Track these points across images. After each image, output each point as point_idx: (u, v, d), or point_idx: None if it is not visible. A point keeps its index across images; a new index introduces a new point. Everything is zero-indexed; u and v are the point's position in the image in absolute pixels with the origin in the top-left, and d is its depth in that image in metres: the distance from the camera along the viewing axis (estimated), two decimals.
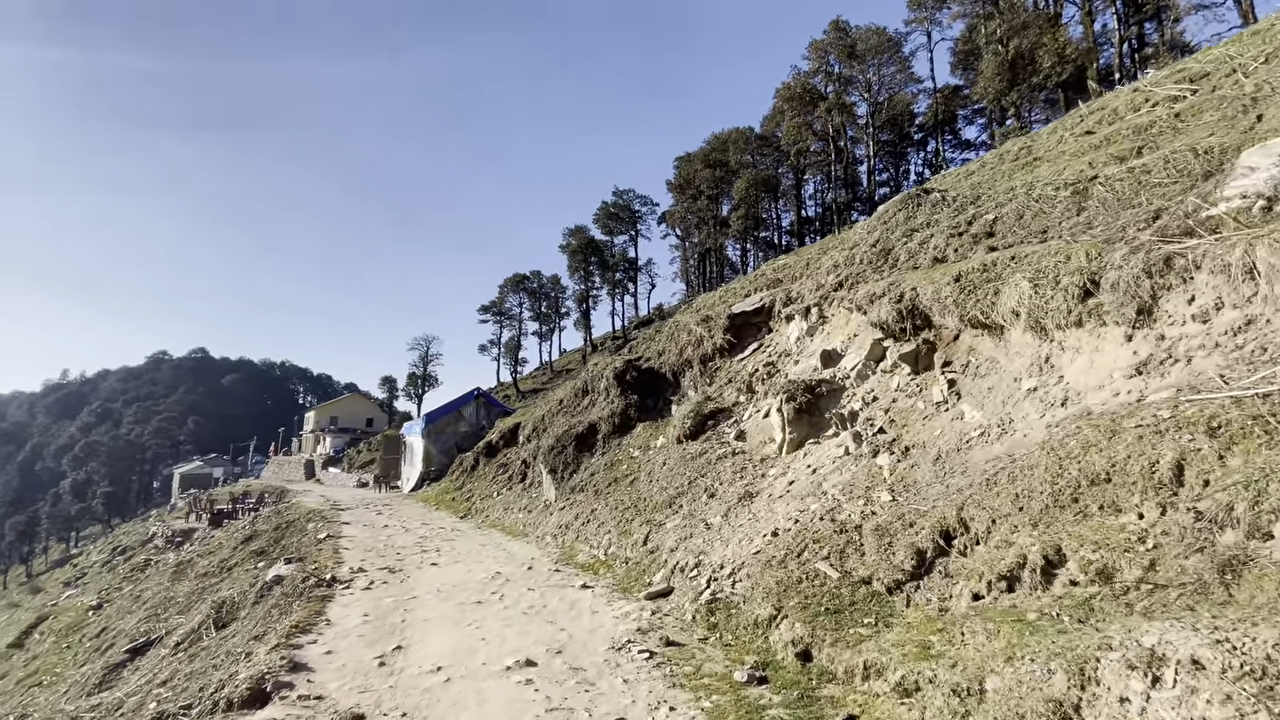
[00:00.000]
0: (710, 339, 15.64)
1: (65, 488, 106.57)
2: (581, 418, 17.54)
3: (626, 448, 15.37)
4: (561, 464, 16.21)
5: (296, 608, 9.25)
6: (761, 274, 17.44)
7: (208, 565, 22.58)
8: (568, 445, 16.51)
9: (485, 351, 77.55)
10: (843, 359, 11.65)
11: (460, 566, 11.75)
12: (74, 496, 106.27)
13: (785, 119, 57.75)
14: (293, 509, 26.94)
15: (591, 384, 18.56)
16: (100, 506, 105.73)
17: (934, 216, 13.37)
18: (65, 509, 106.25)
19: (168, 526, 37.31)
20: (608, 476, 14.31)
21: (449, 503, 23.38)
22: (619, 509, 12.23)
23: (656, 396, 16.68)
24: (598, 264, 69.22)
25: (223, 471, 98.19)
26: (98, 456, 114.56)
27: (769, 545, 8.08)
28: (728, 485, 10.53)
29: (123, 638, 19.49)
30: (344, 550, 13.98)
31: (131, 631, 19.70)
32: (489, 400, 32.82)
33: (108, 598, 24.76)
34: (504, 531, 16.17)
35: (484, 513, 19.46)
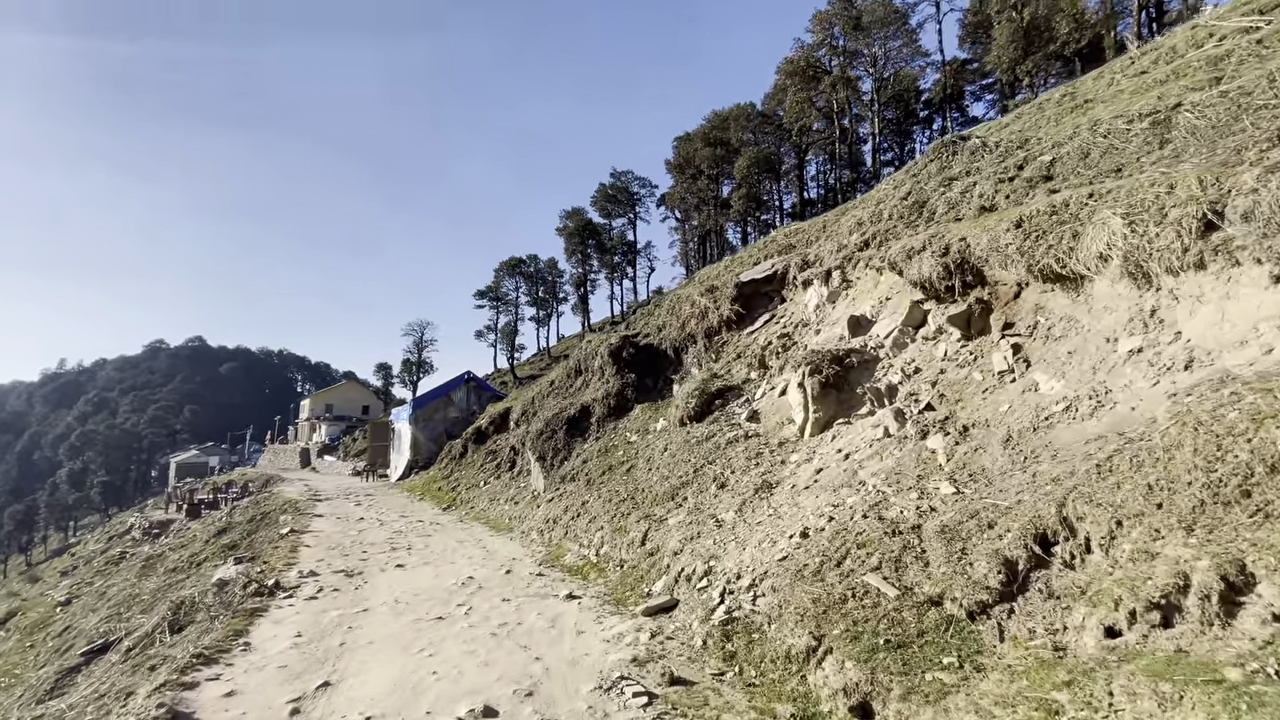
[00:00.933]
0: (716, 311, 13.87)
1: (62, 477, 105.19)
2: (574, 399, 15.80)
3: (623, 432, 13.65)
4: (551, 450, 14.50)
5: (219, 625, 7.54)
6: (772, 240, 15.64)
7: (177, 560, 20.93)
8: (558, 430, 14.79)
9: (482, 337, 75.76)
10: (874, 326, 9.88)
11: (429, 569, 10.05)
12: (71, 486, 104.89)
13: (788, 95, 55.55)
14: (271, 500, 25.28)
15: (585, 363, 16.80)
16: (97, 496, 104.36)
17: (974, 164, 11.55)
18: (63, 498, 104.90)
19: (145, 518, 35.70)
20: (602, 464, 12.60)
21: (434, 493, 21.70)
22: (613, 501, 10.52)
23: (656, 375, 14.93)
24: (596, 247, 67.14)
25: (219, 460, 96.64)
26: (94, 446, 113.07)
27: (798, 550, 6.36)
28: (741, 474, 8.80)
29: (82, 639, 17.88)
30: (304, 548, 12.30)
31: (91, 632, 18.07)
32: (480, 384, 31.07)
33: (77, 593, 23.19)
34: (487, 525, 14.49)
35: (469, 504, 17.78)
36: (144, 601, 18.81)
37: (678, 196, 63.58)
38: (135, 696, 5.64)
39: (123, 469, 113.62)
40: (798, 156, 64.70)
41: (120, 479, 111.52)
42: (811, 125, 61.69)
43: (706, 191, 61.65)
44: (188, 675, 5.69)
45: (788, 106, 56.64)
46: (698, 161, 59.75)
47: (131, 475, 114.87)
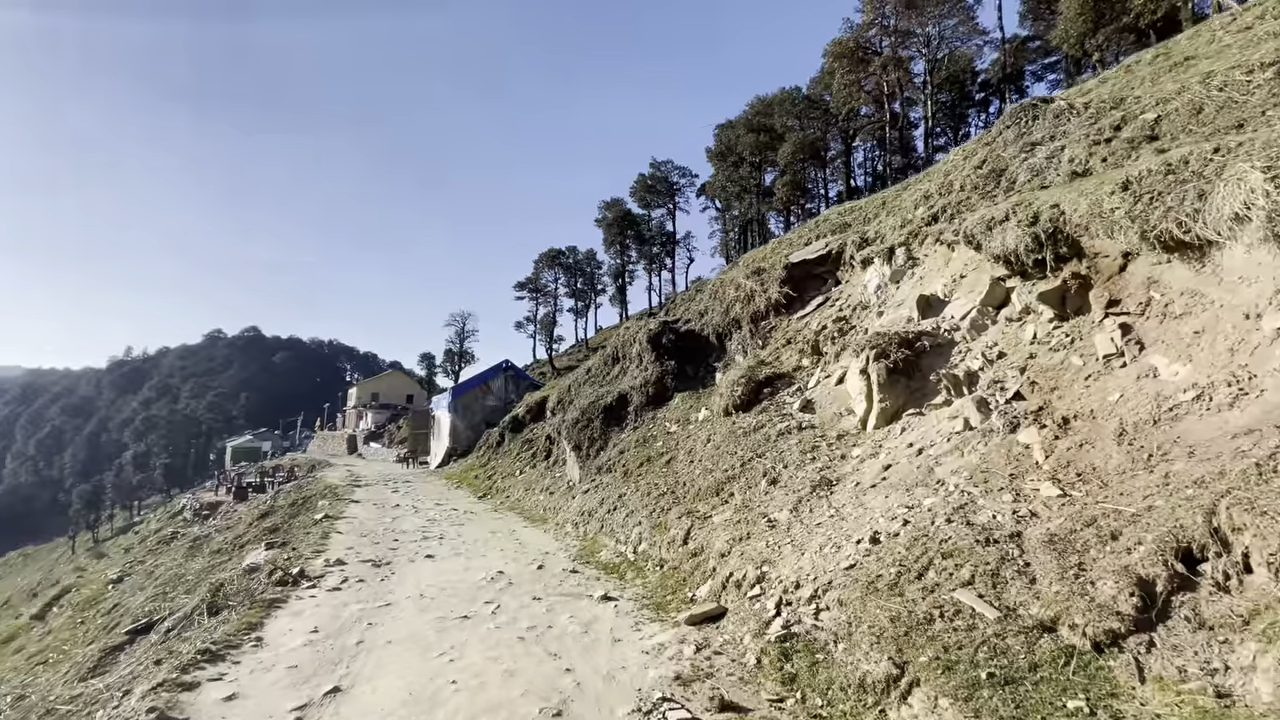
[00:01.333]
0: (763, 294, 12.94)
1: (128, 459, 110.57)
2: (610, 388, 15.12)
3: (662, 421, 12.89)
4: (587, 440, 13.86)
5: (235, 616, 7.12)
6: (824, 220, 14.59)
7: (222, 541, 21.19)
8: (594, 419, 14.13)
9: (521, 329, 76.02)
10: (946, 306, 8.84)
11: (458, 561, 9.52)
12: (136, 467, 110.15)
13: (835, 78, 53.48)
14: (314, 485, 25.50)
15: (622, 350, 16.09)
16: (160, 477, 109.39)
17: (1059, 128, 10.32)
18: (128, 479, 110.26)
19: (196, 499, 36.78)
20: (640, 455, 11.87)
21: (471, 480, 21.41)
22: (653, 495, 9.79)
23: (697, 363, 14.11)
24: (634, 238, 66.28)
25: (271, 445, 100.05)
26: (157, 430, 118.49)
27: (868, 558, 5.49)
28: (795, 469, 7.94)
29: (128, 617, 18.19)
30: (336, 535, 11.98)
31: (136, 611, 18.36)
32: (517, 373, 30.74)
33: (128, 571, 23.83)
34: (521, 516, 13.96)
35: (504, 493, 17.34)
36: (188, 582, 19.03)
37: (718, 185, 62.10)
38: (131, 695, 5.19)
39: (183, 452, 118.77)
40: (844, 142, 62.48)
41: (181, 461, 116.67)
42: (859, 109, 59.45)
43: (748, 180, 60.02)
44: (189, 674, 5.21)
45: (835, 90, 54.55)
46: (740, 148, 58.15)
47: (191, 458, 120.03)
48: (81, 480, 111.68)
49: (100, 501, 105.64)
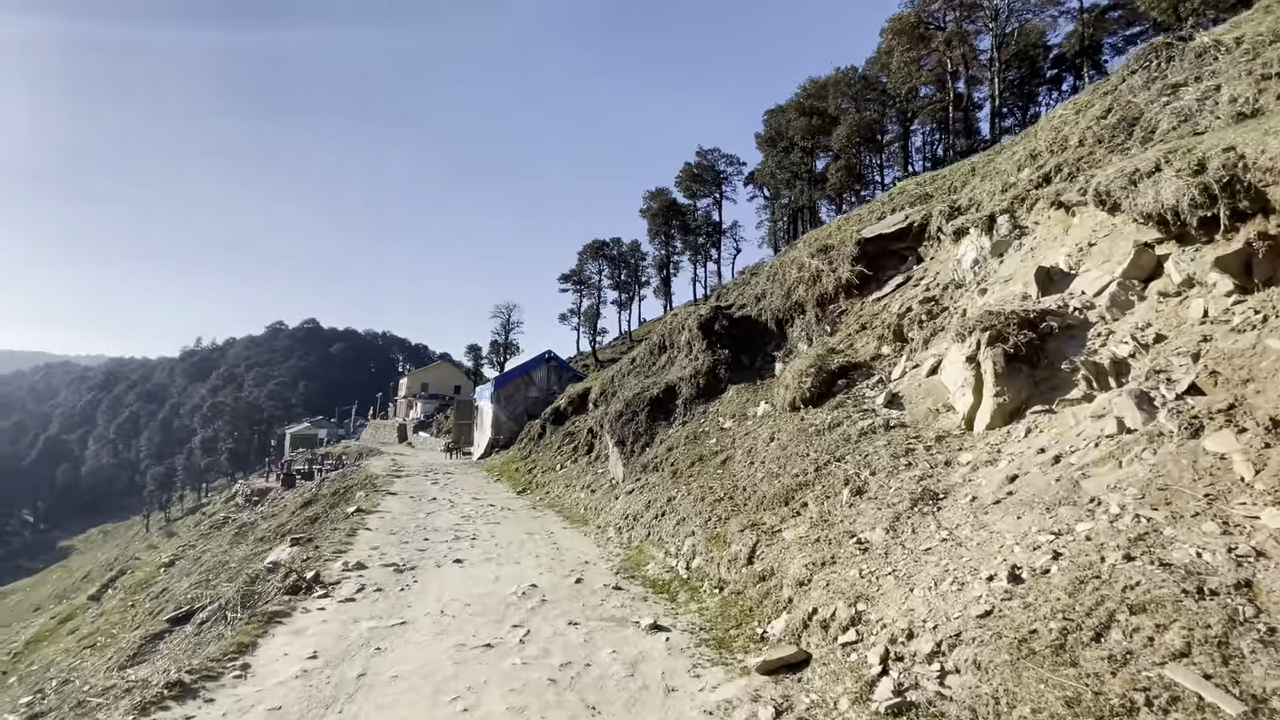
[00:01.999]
0: (832, 274, 11.44)
1: (196, 443, 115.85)
2: (657, 379, 13.87)
3: (714, 416, 11.57)
4: (631, 435, 12.66)
5: (230, 631, 6.21)
6: (899, 192, 12.93)
7: (266, 529, 21.00)
8: (639, 412, 12.91)
9: (565, 321, 75.50)
10: (1073, 280, 7.22)
11: (489, 569, 8.47)
12: (204, 452, 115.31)
13: (894, 57, 50.56)
14: (356, 474, 25.23)
15: (670, 338, 14.81)
16: (225, 461, 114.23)
17: (1206, 68, 8.46)
18: (197, 462, 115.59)
19: (248, 485, 37.46)
20: (690, 453, 10.59)
21: (511, 474, 20.57)
22: (707, 501, 8.50)
23: (754, 352, 12.72)
24: (679, 228, 64.64)
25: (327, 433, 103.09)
26: (223, 416, 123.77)
27: (1008, 602, 4.08)
28: (886, 477, 6.52)
29: (171, 604, 18.09)
30: (364, 531, 11.15)
31: (180, 598, 18.25)
32: (560, 364, 29.84)
33: (180, 554, 24.08)
34: (561, 515, 12.89)
35: (544, 488, 16.35)
36: (231, 569, 18.81)
37: (767, 172, 59.84)
38: None
39: (247, 437, 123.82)
40: (902, 125, 59.34)
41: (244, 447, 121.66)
42: (918, 90, 56.23)
43: (799, 166, 57.57)
44: (149, 716, 4.23)
45: (894, 69, 51.63)
46: (790, 133, 55.74)
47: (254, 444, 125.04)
48: (155, 463, 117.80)
49: (172, 483, 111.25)
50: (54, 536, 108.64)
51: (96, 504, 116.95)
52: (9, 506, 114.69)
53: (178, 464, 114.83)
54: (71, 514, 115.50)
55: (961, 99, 55.64)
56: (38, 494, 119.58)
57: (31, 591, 72.75)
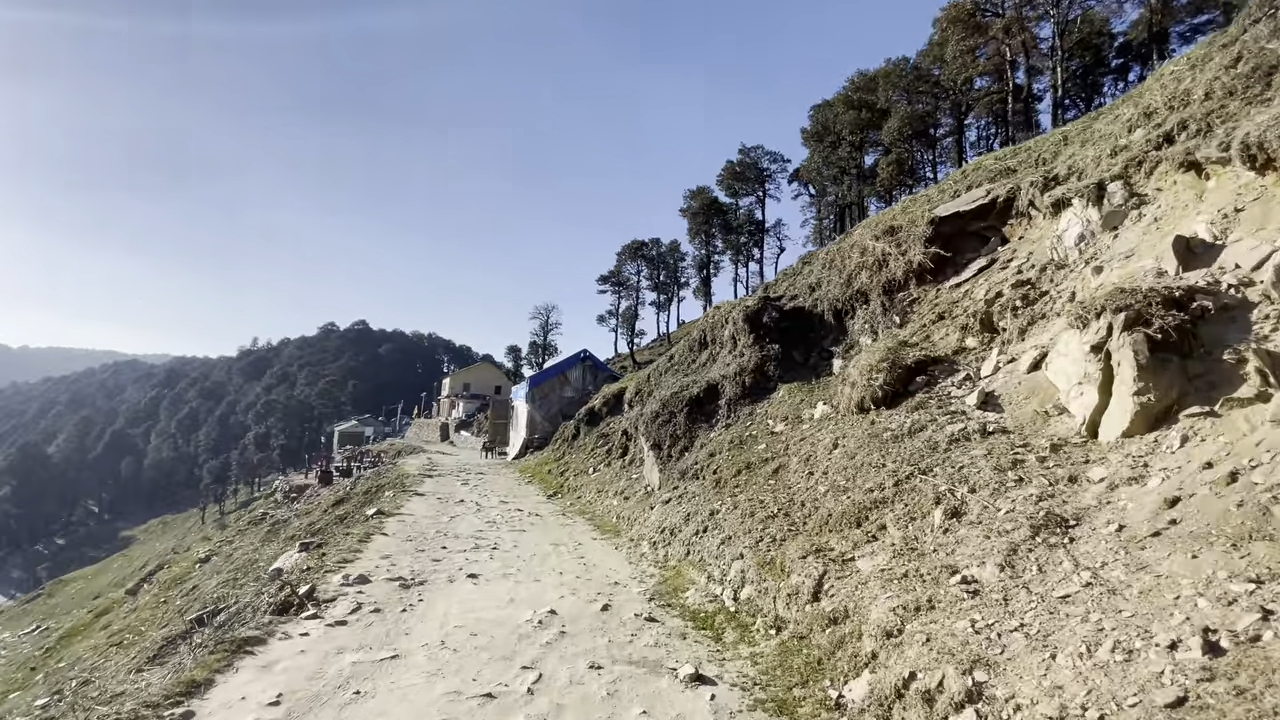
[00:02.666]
0: (900, 257, 10.03)
1: (250, 439, 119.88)
2: (697, 377, 12.65)
3: (763, 419, 10.29)
4: (668, 437, 11.48)
5: (193, 661, 5.28)
6: (976, 167, 11.41)
7: (297, 528, 20.61)
8: (677, 412, 11.72)
9: (604, 322, 74.74)
10: (1221, 252, 5.71)
11: (505, 586, 7.41)
12: (256, 447, 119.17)
13: (949, 47, 48.06)
14: (390, 472, 24.77)
15: (711, 333, 13.58)
16: (277, 456, 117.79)
17: None
18: (250, 458, 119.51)
19: (287, 481, 37.71)
20: (735, 459, 9.34)
21: (543, 476, 19.63)
22: (758, 517, 7.23)
23: (808, 347, 11.39)
24: (720, 226, 63.03)
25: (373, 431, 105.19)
26: (275, 413, 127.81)
27: (1206, 683, 2.76)
28: (991, 495, 5.16)
29: (198, 603, 17.76)
30: (379, 536, 10.28)
31: (207, 596, 17.93)
32: (595, 363, 28.87)
33: (216, 551, 24.04)
34: (591, 523, 11.80)
35: (575, 493, 15.31)
36: (259, 568, 18.43)
37: (814, 168, 57.75)
38: None
39: (297, 434, 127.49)
40: (956, 119, 56.53)
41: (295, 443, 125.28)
42: (973, 82, 53.44)
43: (847, 161, 55.35)
44: None
45: (948, 60, 49.09)
46: (838, 127, 53.60)
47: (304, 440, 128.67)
48: (212, 457, 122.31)
49: (227, 477, 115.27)
50: (117, 526, 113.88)
51: (157, 496, 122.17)
52: (76, 497, 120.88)
53: (233, 459, 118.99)
54: (134, 505, 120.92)
55: (1020, 90, 52.61)
56: (103, 485, 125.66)
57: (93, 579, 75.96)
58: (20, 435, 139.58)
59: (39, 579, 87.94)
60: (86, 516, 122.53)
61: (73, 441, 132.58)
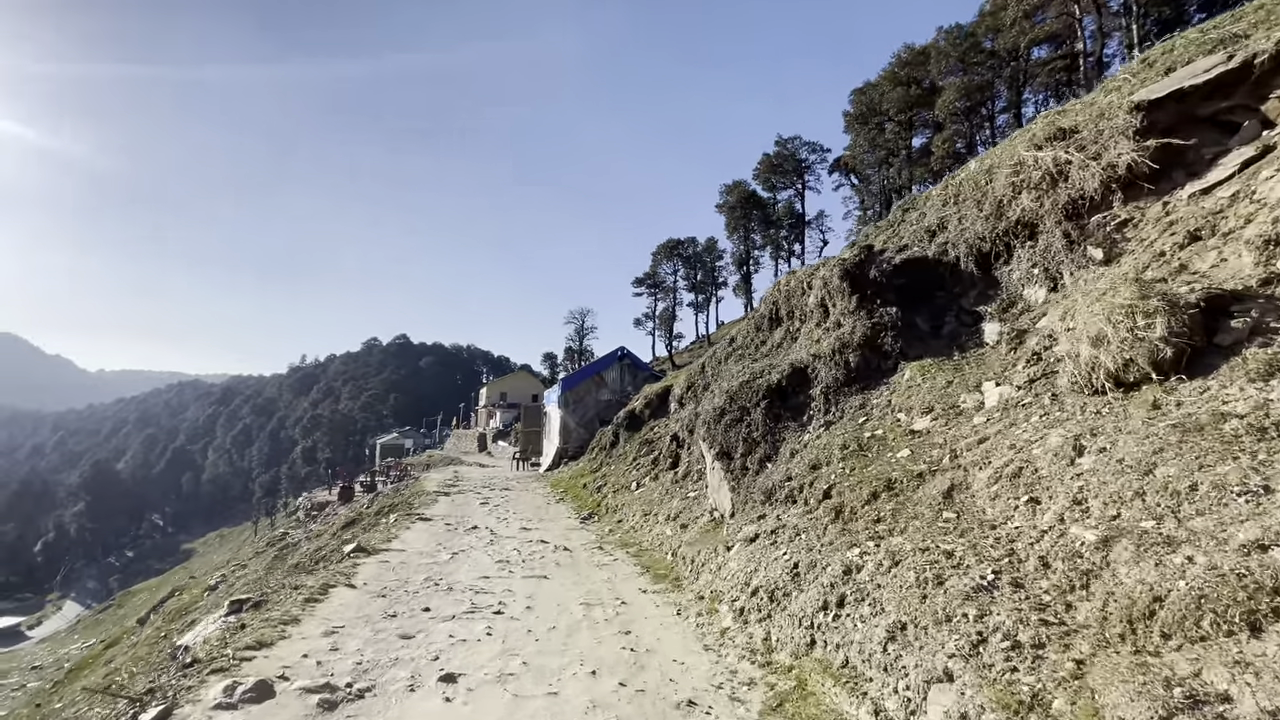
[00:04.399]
0: (1090, 164, 6.53)
1: (298, 453, 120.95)
2: (773, 360, 9.29)
3: (887, 411, 6.89)
4: (740, 442, 8.16)
5: None
6: (1187, 42, 7.74)
7: (303, 555, 17.98)
8: (750, 408, 8.38)
9: (640, 325, 71.68)
10: None
11: (498, 705, 4.22)
12: (304, 460, 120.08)
13: (1008, 10, 43.60)
14: (411, 488, 22.07)
15: (788, 303, 10.20)
16: (324, 470, 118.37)
17: None
18: (299, 471, 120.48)
19: (310, 498, 35.63)
20: (860, 474, 5.97)
21: (577, 491, 16.50)
22: (950, 585, 3.82)
23: (935, 310, 7.94)
24: (760, 220, 59.29)
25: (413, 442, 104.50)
26: (321, 427, 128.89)
27: None
28: None
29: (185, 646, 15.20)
30: (341, 590, 7.24)
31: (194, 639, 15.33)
32: (634, 362, 25.68)
33: (226, 576, 21.72)
34: (637, 561, 8.56)
35: (615, 514, 12.10)
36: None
37: (858, 154, 53.49)
38: None
39: (342, 447, 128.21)
40: (1014, 91, 51.68)
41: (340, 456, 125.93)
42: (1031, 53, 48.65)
43: (894, 143, 51.00)
44: None
45: (1006, 25, 44.61)
46: (884, 107, 49.36)
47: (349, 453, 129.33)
48: (264, 471, 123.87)
49: (277, 490, 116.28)
50: (179, 539, 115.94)
51: (215, 509, 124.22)
52: (142, 511, 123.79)
53: (282, 472, 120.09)
54: (194, 518, 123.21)
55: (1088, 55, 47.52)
56: (166, 500, 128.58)
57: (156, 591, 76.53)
58: (94, 453, 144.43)
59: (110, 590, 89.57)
60: (152, 530, 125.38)
61: (139, 458, 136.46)
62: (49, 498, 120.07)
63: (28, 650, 53.24)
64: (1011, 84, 51.48)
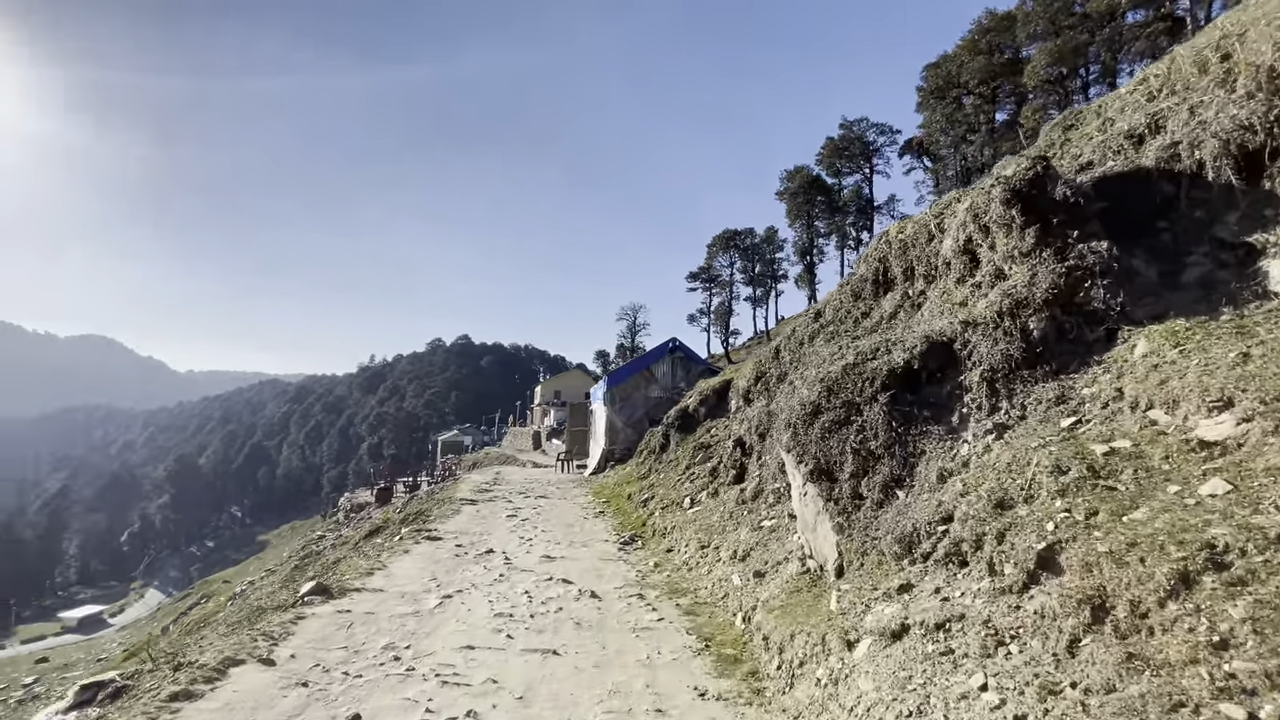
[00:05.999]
0: None
1: (364, 450, 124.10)
2: (890, 335, 6.37)
3: (1108, 406, 3.96)
4: (848, 455, 5.32)
5: None
6: None
7: (322, 564, 16.22)
8: (862, 403, 5.54)
9: (695, 321, 68.63)
10: None
11: None
12: (370, 457, 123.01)
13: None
14: (445, 491, 20.15)
15: (905, 257, 7.27)
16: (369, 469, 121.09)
17: None
18: (365, 467, 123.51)
19: (350, 499, 34.59)
20: (1108, 518, 3.13)
21: (621, 503, 13.95)
22: None
23: (1159, 247, 4.86)
24: (824, 207, 55.14)
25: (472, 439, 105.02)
26: (387, 424, 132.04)
27: None
28: None
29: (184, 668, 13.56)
30: (246, 670, 4.93)
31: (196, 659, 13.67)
32: (687, 354, 22.92)
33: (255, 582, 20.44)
34: (691, 623, 5.88)
35: (664, 539, 9.44)
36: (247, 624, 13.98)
37: (933, 132, 48.68)
38: None
39: (406, 444, 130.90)
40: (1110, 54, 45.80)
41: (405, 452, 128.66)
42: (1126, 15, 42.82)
43: (974, 118, 46.06)
44: None
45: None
46: (964, 78, 44.57)
47: (412, 450, 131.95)
48: (333, 466, 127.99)
49: (344, 485, 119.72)
50: (255, 531, 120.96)
51: (288, 502, 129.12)
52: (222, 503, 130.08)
53: (350, 468, 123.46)
54: (269, 511, 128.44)
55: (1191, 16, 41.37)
56: (244, 493, 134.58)
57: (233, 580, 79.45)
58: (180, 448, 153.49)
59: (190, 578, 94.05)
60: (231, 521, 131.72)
61: (219, 453, 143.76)
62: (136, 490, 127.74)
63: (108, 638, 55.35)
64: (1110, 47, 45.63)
